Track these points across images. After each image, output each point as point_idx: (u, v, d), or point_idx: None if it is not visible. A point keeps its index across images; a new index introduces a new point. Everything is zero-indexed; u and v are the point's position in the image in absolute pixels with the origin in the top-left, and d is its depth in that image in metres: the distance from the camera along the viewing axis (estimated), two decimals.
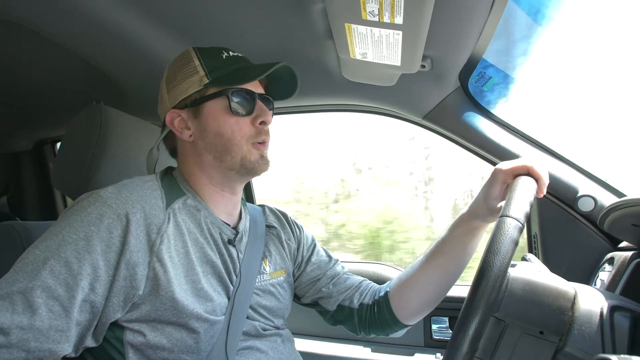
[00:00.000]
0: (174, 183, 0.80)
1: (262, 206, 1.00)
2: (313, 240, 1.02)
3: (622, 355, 0.42)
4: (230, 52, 0.83)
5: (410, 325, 0.93)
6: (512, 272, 0.62)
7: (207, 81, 0.78)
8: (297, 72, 0.85)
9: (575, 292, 0.59)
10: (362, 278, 0.98)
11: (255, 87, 0.83)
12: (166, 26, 1.06)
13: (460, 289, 1.29)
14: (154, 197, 0.72)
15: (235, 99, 0.79)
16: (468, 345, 0.48)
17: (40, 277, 0.60)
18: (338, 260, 1.01)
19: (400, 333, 0.95)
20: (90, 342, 0.65)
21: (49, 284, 0.60)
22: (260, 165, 0.80)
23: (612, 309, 0.57)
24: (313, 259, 0.98)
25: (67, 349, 0.61)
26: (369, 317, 0.92)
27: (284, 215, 1.01)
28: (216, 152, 0.79)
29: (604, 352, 0.54)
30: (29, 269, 0.61)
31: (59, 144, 1.82)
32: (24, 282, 0.59)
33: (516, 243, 0.53)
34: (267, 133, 0.82)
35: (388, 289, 0.92)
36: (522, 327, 0.58)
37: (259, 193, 1.72)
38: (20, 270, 0.61)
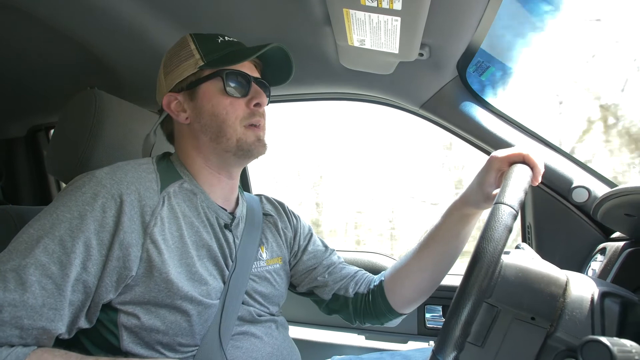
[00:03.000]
0: (171, 167, 0.80)
1: (260, 195, 1.01)
2: (310, 229, 1.03)
3: (610, 337, 0.42)
4: (226, 37, 0.84)
5: (405, 314, 0.93)
6: (506, 259, 0.62)
7: (202, 63, 0.79)
8: (291, 55, 0.85)
9: (567, 279, 0.60)
10: (357, 268, 0.99)
11: (251, 70, 0.84)
12: (164, 13, 1.05)
13: (454, 279, 1.30)
14: (148, 180, 0.72)
15: (230, 81, 0.79)
16: (460, 330, 0.48)
17: (34, 255, 0.60)
18: (334, 250, 1.02)
19: (396, 322, 0.95)
20: (83, 323, 0.65)
21: (42, 261, 0.60)
22: (257, 147, 0.81)
23: (603, 295, 0.57)
24: (309, 248, 0.98)
25: (61, 327, 0.62)
26: (364, 307, 0.93)
27: (281, 204, 1.01)
28: (211, 133, 0.79)
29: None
30: (22, 248, 0.61)
31: (52, 131, 1.81)
32: (17, 260, 0.59)
33: (510, 230, 0.53)
34: (261, 115, 0.82)
35: (383, 278, 0.93)
36: (514, 313, 0.58)
37: None
38: (14, 249, 0.61)
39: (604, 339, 0.41)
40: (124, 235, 0.65)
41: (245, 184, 1.68)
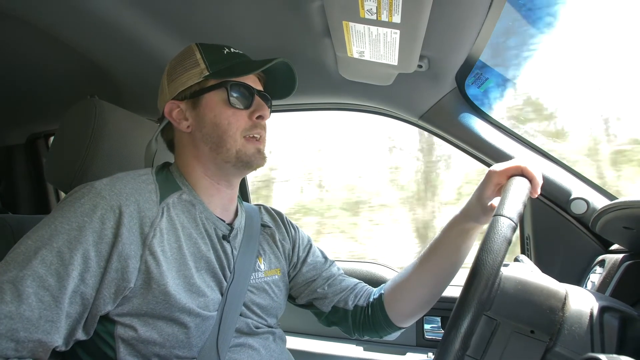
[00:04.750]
0: (170, 177, 0.80)
1: (259, 205, 1.00)
2: (309, 240, 1.02)
3: (610, 355, 0.42)
4: (232, 49, 0.85)
5: (404, 328, 0.93)
6: (505, 272, 0.62)
7: (207, 73, 0.79)
8: (295, 70, 0.86)
9: (566, 293, 0.60)
10: (357, 280, 0.98)
11: (254, 83, 0.84)
12: (164, 22, 1.06)
13: (453, 289, 1.29)
14: (147, 191, 0.72)
15: (234, 92, 0.80)
16: (460, 343, 0.48)
17: (31, 267, 0.60)
18: (334, 261, 1.01)
19: (394, 336, 0.95)
20: (81, 335, 0.65)
21: (40, 273, 0.60)
22: (256, 159, 0.81)
23: (602, 310, 0.57)
24: (309, 259, 0.98)
25: (58, 340, 0.61)
26: (363, 319, 0.92)
27: (280, 215, 1.01)
28: (212, 143, 0.79)
29: (593, 351, 0.54)
30: (20, 259, 0.60)
31: (52, 138, 1.81)
32: (15, 272, 0.59)
33: (509, 242, 0.53)
34: (263, 128, 0.83)
35: (382, 292, 0.92)
36: (514, 326, 0.58)
37: None
38: (12, 260, 0.60)
39: (602, 356, 0.41)
40: (122, 247, 0.65)
41: (243, 194, 1.68)
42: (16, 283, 0.58)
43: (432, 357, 1.23)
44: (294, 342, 1.44)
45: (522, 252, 1.25)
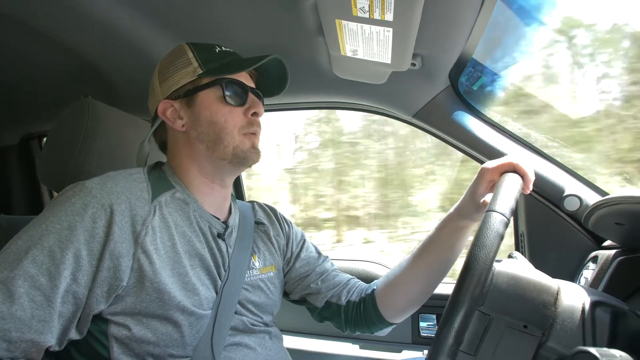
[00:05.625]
0: (163, 176, 0.80)
1: (252, 202, 1.00)
2: (302, 236, 1.02)
3: (600, 349, 0.43)
4: (223, 47, 0.85)
5: (395, 324, 0.93)
6: (497, 267, 0.62)
7: (201, 71, 0.79)
8: (287, 67, 0.86)
9: (559, 288, 0.61)
10: (350, 276, 0.99)
11: (247, 80, 0.84)
12: (157, 22, 1.05)
13: (449, 287, 1.30)
14: (139, 190, 0.72)
15: (229, 90, 0.80)
16: (453, 338, 0.48)
17: (22, 267, 0.59)
18: (327, 257, 1.01)
19: (386, 332, 0.95)
20: (74, 335, 0.64)
21: (31, 273, 0.59)
22: (252, 154, 0.81)
23: (594, 305, 0.58)
24: (302, 255, 0.98)
25: (51, 340, 0.61)
26: (355, 315, 0.93)
27: (273, 211, 1.01)
28: (209, 141, 0.79)
29: (585, 346, 0.55)
30: (11, 259, 0.60)
31: (45, 139, 1.80)
32: (6, 272, 0.59)
33: (502, 237, 0.54)
34: (258, 124, 0.83)
35: (375, 287, 0.93)
36: (507, 321, 0.58)
37: None
38: (2, 260, 0.60)
39: (593, 350, 0.41)
40: (114, 245, 0.65)
41: (238, 192, 1.68)
42: (7, 283, 0.58)
43: None
44: (290, 341, 1.44)
45: (517, 249, 1.26)
